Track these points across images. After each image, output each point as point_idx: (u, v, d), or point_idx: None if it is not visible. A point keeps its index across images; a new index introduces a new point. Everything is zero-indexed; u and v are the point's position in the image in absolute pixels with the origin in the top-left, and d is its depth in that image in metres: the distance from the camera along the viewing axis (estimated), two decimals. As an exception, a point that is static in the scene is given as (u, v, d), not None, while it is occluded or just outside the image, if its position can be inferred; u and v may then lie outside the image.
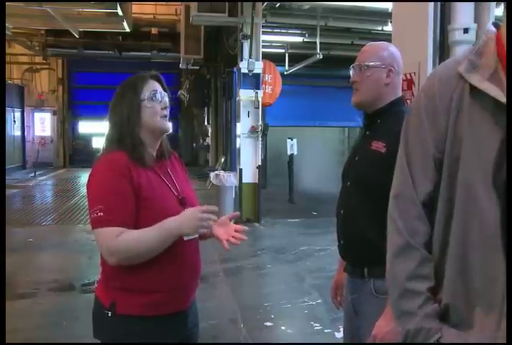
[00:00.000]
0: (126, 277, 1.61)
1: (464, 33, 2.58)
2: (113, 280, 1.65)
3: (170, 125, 1.75)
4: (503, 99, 1.01)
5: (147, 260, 1.59)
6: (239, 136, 8.56)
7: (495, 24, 1.14)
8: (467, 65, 1.09)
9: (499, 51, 1.07)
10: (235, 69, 8.90)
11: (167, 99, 1.74)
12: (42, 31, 13.29)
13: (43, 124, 17.66)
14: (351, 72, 1.86)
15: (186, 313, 1.74)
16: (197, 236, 1.72)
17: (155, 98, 1.69)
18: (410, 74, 2.68)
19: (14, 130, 15.88)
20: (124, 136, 1.66)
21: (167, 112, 1.72)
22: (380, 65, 1.81)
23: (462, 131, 1.07)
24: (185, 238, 1.65)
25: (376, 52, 1.84)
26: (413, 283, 1.12)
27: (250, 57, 8.18)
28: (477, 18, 2.64)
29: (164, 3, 13.61)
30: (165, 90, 1.76)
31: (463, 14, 2.61)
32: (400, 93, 1.89)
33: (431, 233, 1.14)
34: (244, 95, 8.36)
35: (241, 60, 8.32)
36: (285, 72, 11.31)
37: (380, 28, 9.43)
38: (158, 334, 1.64)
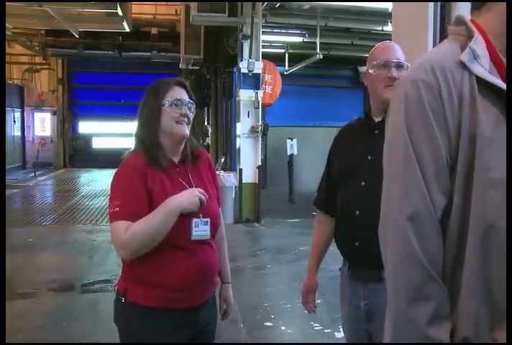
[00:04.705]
0: (139, 269, 1.73)
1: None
2: (128, 271, 1.79)
3: (187, 131, 1.82)
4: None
5: (162, 257, 1.69)
6: (239, 136, 8.57)
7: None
8: (469, 53, 0.97)
9: (492, 55, 0.98)
10: (235, 69, 8.90)
11: (189, 108, 1.83)
12: (42, 31, 13.27)
13: (43, 124, 17.63)
14: (393, 70, 1.85)
15: (198, 310, 1.79)
16: (208, 238, 1.79)
17: (176, 105, 1.79)
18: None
19: (14, 130, 15.86)
20: (146, 137, 1.79)
21: (187, 119, 1.81)
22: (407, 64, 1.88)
23: (477, 129, 0.94)
24: (193, 238, 1.73)
25: (402, 52, 1.90)
26: (435, 329, 0.94)
27: (250, 57, 8.19)
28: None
29: (164, 3, 13.59)
30: (190, 96, 1.86)
31: (463, 14, 2.60)
32: None
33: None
34: (244, 95, 8.37)
35: (241, 60, 8.33)
36: (285, 72, 11.32)
37: (380, 28, 9.44)
38: (168, 326, 1.72)
